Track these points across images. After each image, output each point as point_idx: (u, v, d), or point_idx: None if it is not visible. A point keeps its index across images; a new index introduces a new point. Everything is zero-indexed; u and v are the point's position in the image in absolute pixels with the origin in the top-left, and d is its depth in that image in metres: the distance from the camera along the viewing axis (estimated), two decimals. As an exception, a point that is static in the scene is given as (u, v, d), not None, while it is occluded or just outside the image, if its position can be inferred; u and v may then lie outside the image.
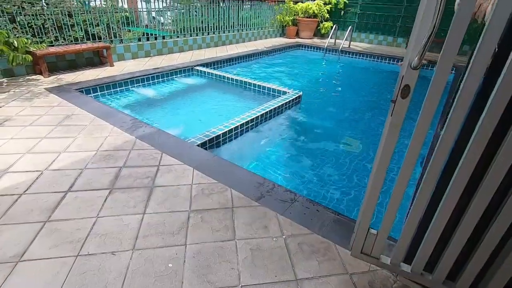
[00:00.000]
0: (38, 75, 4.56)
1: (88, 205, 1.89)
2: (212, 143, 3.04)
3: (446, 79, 0.95)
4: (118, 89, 4.55)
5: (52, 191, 2.01)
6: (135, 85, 4.76)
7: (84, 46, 4.95)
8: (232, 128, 3.26)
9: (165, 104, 4.40)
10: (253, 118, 3.57)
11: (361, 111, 4.71)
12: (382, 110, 4.81)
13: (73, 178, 2.16)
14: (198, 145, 2.83)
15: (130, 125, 3.04)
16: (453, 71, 6.82)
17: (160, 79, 5.14)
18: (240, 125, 3.38)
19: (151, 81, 4.99)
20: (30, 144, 2.60)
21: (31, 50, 4.30)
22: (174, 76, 5.38)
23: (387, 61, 7.82)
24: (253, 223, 1.81)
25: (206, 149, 2.94)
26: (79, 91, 4.04)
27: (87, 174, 2.21)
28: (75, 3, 5.57)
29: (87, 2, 5.41)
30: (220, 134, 3.11)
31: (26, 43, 4.25)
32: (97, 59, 5.34)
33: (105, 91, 4.41)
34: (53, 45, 4.90)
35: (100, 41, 5.46)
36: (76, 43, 5.16)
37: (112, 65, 5.27)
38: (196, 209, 1.91)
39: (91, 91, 4.24)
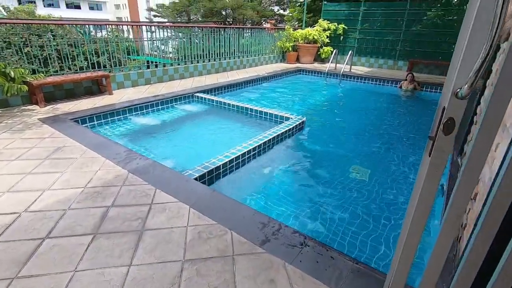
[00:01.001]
0: (34, 105, 4.44)
1: (66, 256, 1.63)
2: (211, 175, 2.81)
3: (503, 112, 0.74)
4: (115, 117, 4.41)
5: (27, 238, 1.76)
6: (133, 113, 4.62)
7: (82, 75, 4.89)
8: (233, 158, 3.04)
9: (164, 132, 4.22)
10: (255, 147, 3.36)
11: (367, 136, 4.51)
12: (388, 135, 4.60)
13: (54, 221, 1.91)
14: (196, 178, 2.59)
15: (124, 157, 2.83)
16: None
17: (160, 107, 5.02)
18: (242, 154, 3.17)
19: (150, 109, 4.86)
20: (12, 181, 2.38)
21: (28, 80, 4.22)
22: (174, 104, 5.26)
23: (388, 84, 7.74)
24: (257, 276, 1.53)
25: (205, 182, 2.70)
26: (74, 121, 3.89)
27: (70, 215, 1.97)
28: (80, 35, 5.61)
29: (87, 33, 5.42)
30: (220, 165, 2.89)
31: (23, 73, 4.18)
32: (96, 87, 5.26)
33: (102, 120, 4.26)
34: (51, 75, 4.85)
35: (99, 70, 5.41)
36: (75, 72, 5.11)
37: (111, 94, 5.17)
38: (191, 258, 1.64)
39: (87, 121, 4.08)
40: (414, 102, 6.71)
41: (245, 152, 3.20)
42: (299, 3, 13.89)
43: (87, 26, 5.77)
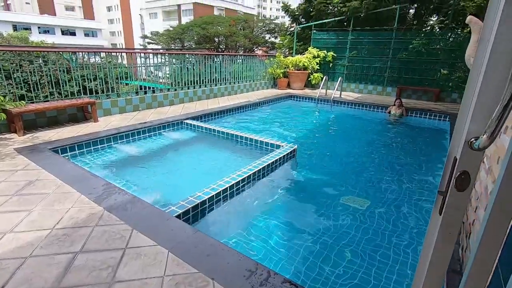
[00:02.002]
0: (12, 134, 4.22)
1: (16, 319, 1.38)
2: (196, 211, 2.60)
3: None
4: (98, 146, 4.21)
5: (-26, 295, 1.51)
6: (118, 141, 4.43)
7: (67, 102, 4.74)
8: (220, 191, 2.85)
9: (148, 162, 4.02)
10: (244, 178, 3.19)
11: (361, 165, 4.39)
12: (380, 162, 4.51)
13: (10, 272, 1.66)
14: (179, 215, 2.38)
15: (101, 192, 2.61)
16: (448, 119, 6.71)
17: (147, 134, 4.85)
18: (230, 186, 2.98)
19: (136, 137, 4.69)
20: (-29, 222, 2.13)
21: (7, 108, 4.04)
22: (162, 131, 5.11)
23: (378, 110, 7.79)
24: None
25: (189, 219, 2.49)
26: (53, 150, 3.68)
27: (30, 265, 1.72)
28: (66, 61, 5.53)
29: (74, 59, 5.34)
30: (206, 200, 2.69)
31: (2, 101, 4.01)
32: (81, 114, 5.09)
33: (84, 149, 4.05)
34: (37, 102, 4.69)
35: (85, 97, 5.28)
36: (59, 99, 4.97)
37: (96, 121, 5.00)
38: (165, 319, 1.41)
39: (68, 150, 3.87)
40: (404, 128, 6.72)
41: (233, 184, 3.02)
42: (289, 32, 14.34)
43: (75, 52, 5.70)
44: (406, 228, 2.69)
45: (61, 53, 5.34)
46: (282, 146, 4.26)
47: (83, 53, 5.69)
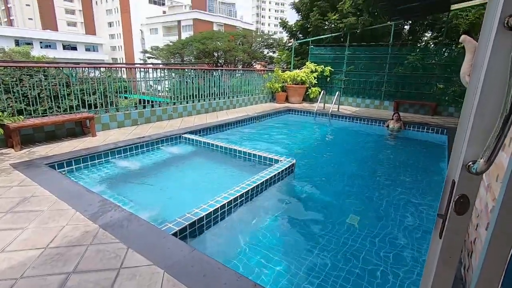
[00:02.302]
0: (9, 149, 4.20)
1: None
2: (193, 228, 2.56)
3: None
4: (96, 161, 4.18)
5: (-39, 320, 1.45)
6: (116, 156, 4.41)
7: (66, 117, 4.75)
8: (217, 208, 2.82)
9: (146, 177, 3.99)
10: (243, 193, 3.16)
11: (360, 179, 4.37)
12: (380, 177, 4.49)
13: (-1, 294, 1.61)
14: (176, 233, 2.34)
15: (97, 209, 2.58)
16: (445, 133, 6.74)
17: (145, 149, 4.84)
18: (228, 202, 2.95)
19: (134, 151, 4.67)
20: (-38, 240, 2.08)
21: (5, 123, 4.03)
22: (160, 145, 5.10)
23: (376, 124, 7.83)
24: None
25: (185, 237, 2.45)
26: (50, 166, 3.65)
27: (21, 287, 1.67)
28: (66, 76, 5.58)
29: (74, 74, 5.39)
30: (203, 216, 2.65)
31: (0, 116, 4.02)
32: (79, 129, 5.09)
33: (81, 164, 4.02)
34: (34, 116, 4.70)
35: (84, 111, 5.29)
36: (58, 113, 4.98)
37: (94, 135, 4.99)
38: None
39: (65, 165, 3.84)
40: (402, 142, 6.74)
41: (231, 200, 2.99)
42: (287, 47, 14.61)
43: (75, 68, 5.77)
44: (406, 247, 2.65)
45: (61, 68, 5.38)
46: (281, 160, 4.25)
47: (83, 68, 5.75)
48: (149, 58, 27.83)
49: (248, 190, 3.25)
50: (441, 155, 5.45)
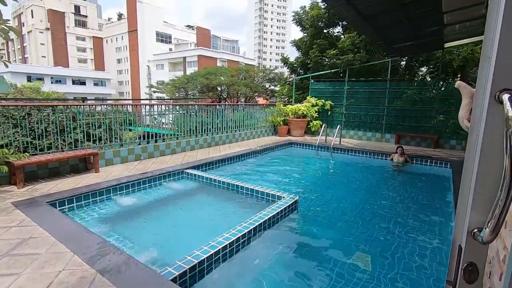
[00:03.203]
0: (12, 186, 4.20)
1: None
2: (193, 272, 2.46)
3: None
4: (97, 198, 4.15)
5: None
6: (117, 193, 4.39)
7: (70, 153, 4.80)
8: (219, 249, 2.73)
9: (147, 216, 3.93)
10: (245, 233, 3.08)
11: (365, 216, 4.27)
12: (386, 213, 4.39)
13: None
14: (175, 278, 2.25)
15: (95, 252, 2.51)
16: (449, 166, 6.68)
17: (147, 185, 4.82)
18: (229, 243, 2.86)
19: (136, 188, 4.65)
20: (-45, 288, 2.01)
21: (10, 160, 4.09)
22: (163, 181, 5.08)
23: (379, 157, 7.82)
24: None
25: (185, 282, 2.35)
26: (51, 204, 3.62)
27: None
28: (74, 113, 5.75)
29: (81, 112, 5.55)
30: (204, 259, 2.56)
31: (6, 153, 4.08)
32: (82, 165, 5.13)
33: (82, 202, 3.99)
34: (37, 148, 4.78)
35: (88, 147, 5.36)
36: (63, 149, 5.05)
37: (97, 171, 5.01)
38: None
39: (66, 203, 3.82)
40: (407, 176, 6.68)
41: (232, 241, 2.90)
42: (288, 82, 15.11)
43: (82, 106, 5.96)
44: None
45: (69, 107, 5.56)
46: (284, 197, 4.19)
47: (90, 106, 5.93)
48: (154, 92, 28.77)
49: (250, 229, 3.17)
50: (448, 189, 5.37)
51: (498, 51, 0.60)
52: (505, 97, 0.54)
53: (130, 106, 7.39)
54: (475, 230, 0.63)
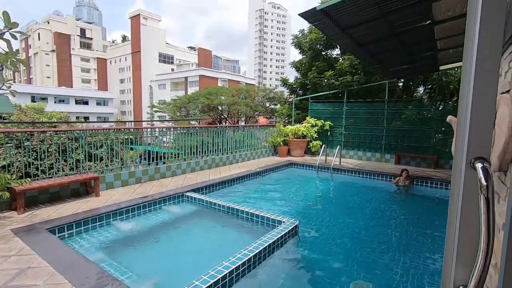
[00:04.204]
0: (12, 212, 4.21)
1: None
2: (192, 304, 2.43)
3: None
4: (97, 223, 4.15)
5: None
6: (117, 218, 4.38)
7: (72, 177, 4.84)
8: (218, 279, 2.71)
9: (146, 242, 3.91)
10: (244, 261, 3.05)
11: (367, 242, 4.23)
12: (390, 238, 4.35)
13: None
14: (173, 311, 2.22)
15: (94, 283, 2.49)
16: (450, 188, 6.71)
17: (147, 209, 4.81)
18: (229, 272, 2.84)
19: (136, 212, 4.64)
20: (-49, 323, 1.99)
21: (12, 186, 4.12)
22: (163, 205, 5.08)
23: (379, 178, 7.82)
24: None
25: (184, 315, 2.32)
26: (50, 230, 3.62)
27: None
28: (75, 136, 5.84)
29: (83, 136, 5.63)
30: (203, 290, 2.53)
31: (8, 179, 4.12)
32: (83, 189, 5.15)
33: (82, 227, 3.98)
34: (37, 175, 4.81)
35: (89, 172, 5.40)
36: (64, 172, 5.09)
37: (98, 195, 5.02)
38: None
39: (65, 229, 3.81)
40: (410, 198, 6.65)
41: (232, 270, 2.88)
42: (288, 102, 15.34)
43: (84, 131, 6.06)
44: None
45: (72, 131, 5.65)
46: (284, 221, 4.18)
47: (92, 131, 6.03)
48: (156, 112, 29.15)
49: (250, 257, 3.14)
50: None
51: (471, 118, 0.66)
52: (478, 166, 0.59)
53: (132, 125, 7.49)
54: (460, 287, 0.66)
